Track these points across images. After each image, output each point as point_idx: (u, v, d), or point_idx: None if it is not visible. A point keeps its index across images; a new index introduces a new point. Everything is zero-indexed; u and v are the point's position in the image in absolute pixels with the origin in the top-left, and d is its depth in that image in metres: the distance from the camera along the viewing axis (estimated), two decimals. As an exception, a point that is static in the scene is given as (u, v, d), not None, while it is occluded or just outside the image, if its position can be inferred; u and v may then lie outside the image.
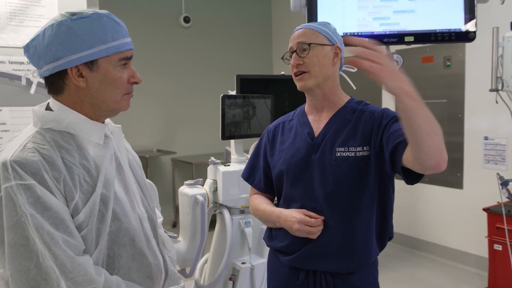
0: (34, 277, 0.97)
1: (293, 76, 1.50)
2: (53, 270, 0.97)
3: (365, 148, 1.42)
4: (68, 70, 1.08)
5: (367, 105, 1.53)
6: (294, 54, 1.47)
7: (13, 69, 2.19)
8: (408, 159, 1.25)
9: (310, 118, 1.55)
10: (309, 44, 1.44)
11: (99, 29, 1.08)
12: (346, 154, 1.43)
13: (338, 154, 1.44)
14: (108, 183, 1.11)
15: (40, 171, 1.00)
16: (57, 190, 1.01)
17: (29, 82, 2.12)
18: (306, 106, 1.60)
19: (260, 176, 1.64)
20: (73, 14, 1.09)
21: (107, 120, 1.25)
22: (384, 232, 1.51)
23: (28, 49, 1.12)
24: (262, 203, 1.60)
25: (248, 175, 1.70)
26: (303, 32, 1.48)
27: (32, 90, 1.21)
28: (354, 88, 1.75)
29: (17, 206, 0.97)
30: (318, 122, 1.52)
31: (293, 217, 1.42)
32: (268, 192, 1.66)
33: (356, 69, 1.61)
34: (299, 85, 1.48)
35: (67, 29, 1.07)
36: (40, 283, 0.97)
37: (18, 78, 2.12)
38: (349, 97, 1.56)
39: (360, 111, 1.49)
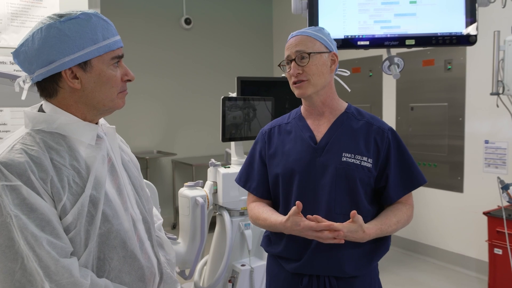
0: (19, 279, 0.96)
1: (292, 84, 1.50)
2: (37, 272, 0.96)
3: (369, 160, 1.45)
4: (62, 73, 1.07)
5: (369, 114, 1.55)
6: (293, 63, 1.46)
7: (14, 70, 2.19)
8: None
9: (309, 122, 1.54)
10: (309, 54, 1.44)
11: (89, 29, 1.07)
12: (352, 161, 1.44)
13: (344, 159, 1.44)
14: (99, 184, 1.09)
15: (26, 172, 0.98)
16: (44, 191, 1.00)
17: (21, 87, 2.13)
18: (303, 111, 1.58)
19: (258, 181, 1.60)
20: (61, 16, 1.07)
21: (102, 121, 1.24)
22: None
23: (18, 54, 1.09)
24: (262, 212, 1.53)
25: (245, 181, 1.64)
26: (301, 40, 1.47)
27: (23, 96, 1.20)
28: (349, 90, 1.76)
29: (2, 207, 0.96)
30: (318, 126, 1.52)
31: (299, 227, 1.36)
32: (267, 197, 1.61)
33: (349, 73, 1.67)
34: (298, 92, 1.48)
35: (57, 31, 1.05)
36: (25, 285, 0.96)
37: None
38: (346, 103, 1.57)
39: (368, 123, 1.51)
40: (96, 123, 1.18)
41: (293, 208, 1.36)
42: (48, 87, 1.10)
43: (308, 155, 1.48)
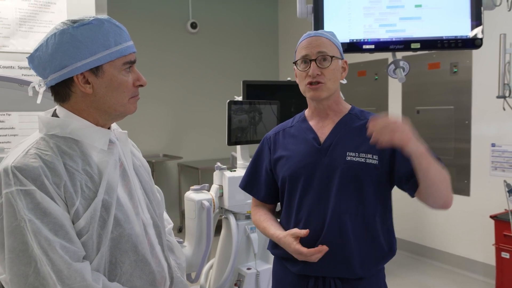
0: (33, 282, 0.97)
1: (306, 85, 1.47)
2: (50, 276, 0.97)
3: (374, 157, 1.44)
4: (74, 77, 1.08)
5: (372, 114, 1.55)
6: (313, 63, 1.44)
7: (22, 74, 2.22)
8: (418, 194, 1.44)
9: (313, 124, 1.55)
10: (332, 57, 1.44)
11: (101, 35, 1.09)
12: (357, 160, 1.43)
13: (349, 158, 1.44)
14: (111, 189, 1.11)
15: (41, 177, 1.00)
16: (57, 196, 1.01)
17: (35, 91, 2.15)
18: (308, 114, 1.59)
19: (260, 185, 1.63)
20: (74, 21, 1.09)
21: (114, 126, 1.26)
22: (391, 236, 1.51)
23: (32, 59, 1.12)
24: (263, 220, 1.57)
25: (247, 185, 1.68)
26: (322, 42, 1.46)
27: (39, 100, 1.22)
28: (343, 98, 1.76)
29: (16, 211, 0.98)
30: (322, 128, 1.52)
31: (289, 248, 1.41)
32: (269, 201, 1.64)
33: (346, 81, 1.69)
34: (312, 94, 1.46)
35: (69, 37, 1.07)
36: None
37: (27, 83, 2.14)
38: (350, 105, 1.58)
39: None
40: (109, 128, 1.19)
41: (295, 229, 1.43)
42: (60, 92, 1.12)
43: (313, 156, 1.48)
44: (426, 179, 1.34)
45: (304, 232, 1.40)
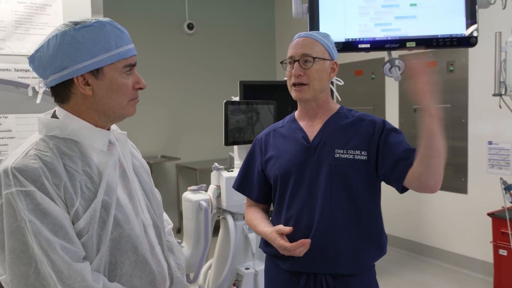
0: (33, 282, 0.97)
1: (290, 85, 1.51)
2: (50, 276, 0.97)
3: (363, 153, 1.46)
4: (74, 79, 1.09)
5: (361, 112, 1.57)
6: (296, 64, 1.47)
7: (18, 77, 2.22)
8: (409, 176, 1.40)
9: (302, 124, 1.58)
10: (314, 58, 1.46)
11: (103, 37, 1.09)
12: (345, 156, 1.46)
13: (337, 155, 1.47)
14: (111, 190, 1.11)
15: (41, 178, 1.00)
16: (57, 196, 1.02)
17: (35, 91, 2.15)
18: (298, 113, 1.62)
19: (254, 186, 1.66)
20: (76, 23, 1.09)
21: (113, 127, 1.26)
22: (381, 233, 1.53)
23: (33, 60, 1.12)
24: (254, 218, 1.60)
25: (240, 186, 1.70)
26: (308, 43, 1.48)
27: (38, 100, 1.23)
28: (340, 99, 1.77)
29: (16, 212, 0.98)
30: (311, 127, 1.55)
31: (274, 244, 1.44)
32: (263, 201, 1.67)
33: (343, 82, 1.71)
34: (296, 95, 1.50)
35: (71, 38, 1.07)
36: None
37: (24, 85, 2.14)
38: (339, 105, 1.60)
39: (359, 118, 1.53)
40: (108, 129, 1.20)
41: (280, 226, 1.45)
42: (60, 93, 1.13)
43: (302, 154, 1.51)
44: (431, 147, 1.30)
45: (287, 229, 1.42)
